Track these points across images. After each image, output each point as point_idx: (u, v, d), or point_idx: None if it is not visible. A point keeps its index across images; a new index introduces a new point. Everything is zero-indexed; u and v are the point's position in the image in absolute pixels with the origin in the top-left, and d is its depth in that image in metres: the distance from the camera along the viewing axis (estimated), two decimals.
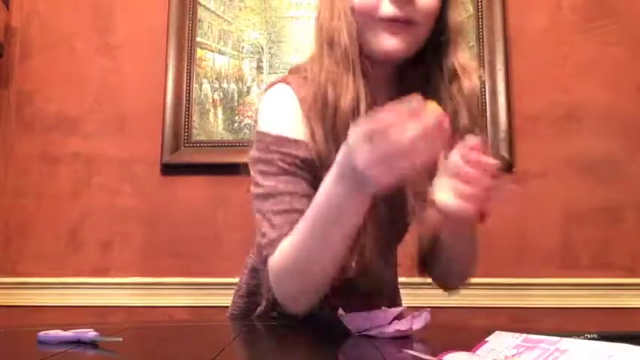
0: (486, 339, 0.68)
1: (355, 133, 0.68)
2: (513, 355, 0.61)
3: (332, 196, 0.75)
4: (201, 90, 1.84)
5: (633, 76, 1.78)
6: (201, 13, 1.87)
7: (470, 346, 0.66)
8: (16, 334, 0.98)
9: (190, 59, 1.84)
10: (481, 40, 1.80)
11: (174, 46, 1.84)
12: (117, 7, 1.90)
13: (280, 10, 1.85)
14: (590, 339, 0.70)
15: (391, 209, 0.94)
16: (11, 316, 1.73)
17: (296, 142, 0.87)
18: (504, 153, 1.74)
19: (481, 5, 1.82)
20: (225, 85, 1.84)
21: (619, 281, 1.69)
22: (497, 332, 0.68)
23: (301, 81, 0.91)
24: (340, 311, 0.89)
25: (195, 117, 1.82)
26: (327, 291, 0.85)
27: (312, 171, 0.86)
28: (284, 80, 0.93)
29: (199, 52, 1.85)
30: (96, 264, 1.78)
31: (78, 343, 0.78)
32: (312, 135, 0.86)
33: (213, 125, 1.82)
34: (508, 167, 1.76)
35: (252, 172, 0.89)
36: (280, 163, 0.86)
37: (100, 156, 1.83)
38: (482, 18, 1.81)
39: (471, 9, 1.83)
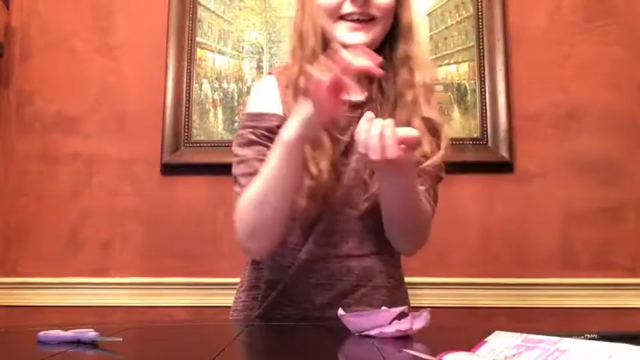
0: (486, 339, 0.68)
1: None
2: (513, 355, 0.61)
3: (284, 139, 0.91)
4: (201, 90, 1.84)
5: (633, 76, 1.78)
6: (201, 13, 1.87)
7: (470, 346, 0.66)
8: (16, 334, 0.98)
9: (190, 59, 1.84)
10: (481, 40, 1.81)
11: (174, 46, 1.84)
12: (117, 7, 1.90)
13: (280, 10, 1.85)
14: (590, 339, 0.70)
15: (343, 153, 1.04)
16: (11, 316, 1.73)
17: (267, 115, 1.02)
18: (504, 153, 1.74)
19: (481, 5, 1.82)
20: (225, 85, 1.84)
21: (619, 281, 1.69)
22: (497, 332, 0.68)
23: (284, 71, 1.08)
24: (340, 311, 0.89)
25: (195, 117, 1.82)
26: (283, 230, 0.98)
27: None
28: (270, 72, 1.13)
29: (199, 52, 1.85)
30: (96, 264, 1.78)
31: (78, 343, 0.78)
32: (287, 112, 1.00)
33: (213, 125, 1.82)
34: (508, 167, 1.76)
35: (232, 146, 1.05)
36: (251, 136, 1.01)
37: (100, 156, 1.83)
38: (482, 18, 1.81)
39: (471, 9, 1.83)
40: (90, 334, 0.78)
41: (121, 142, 1.83)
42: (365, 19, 0.99)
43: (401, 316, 0.87)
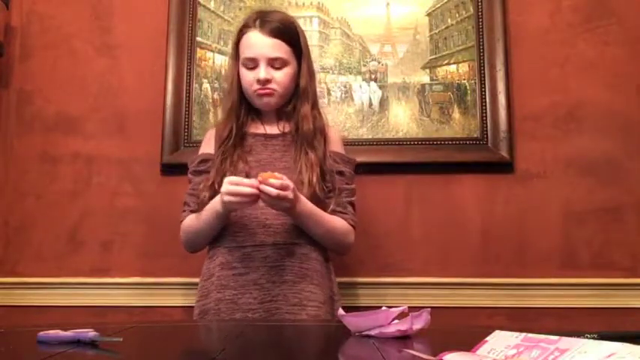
0: (486, 339, 0.68)
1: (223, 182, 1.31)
2: (513, 355, 0.61)
3: (216, 209, 1.34)
4: (201, 90, 1.84)
5: (633, 76, 1.78)
6: (201, 13, 1.87)
7: (470, 346, 0.67)
8: (16, 334, 0.98)
9: (190, 59, 1.84)
10: (481, 40, 1.81)
11: (174, 46, 1.84)
12: (117, 7, 1.90)
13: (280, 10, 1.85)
14: (590, 339, 0.70)
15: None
16: (11, 316, 1.73)
17: (202, 155, 1.49)
18: (504, 153, 1.74)
19: (481, 5, 1.82)
20: (225, 85, 1.83)
21: (619, 281, 1.69)
22: (497, 332, 0.68)
23: (219, 126, 1.52)
24: (340, 311, 0.89)
25: (195, 117, 1.82)
26: (208, 242, 1.44)
27: (206, 166, 1.46)
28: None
29: (199, 52, 1.86)
30: (96, 264, 1.78)
31: (78, 343, 0.78)
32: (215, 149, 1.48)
33: (213, 125, 1.81)
34: (508, 167, 1.76)
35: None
36: (191, 177, 1.49)
37: (100, 156, 1.83)
38: (482, 18, 1.81)
39: (471, 9, 1.83)
40: (90, 334, 0.78)
41: (121, 142, 1.83)
42: (269, 90, 1.43)
43: (401, 316, 0.87)
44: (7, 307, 1.75)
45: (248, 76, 1.45)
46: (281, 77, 1.44)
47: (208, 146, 1.51)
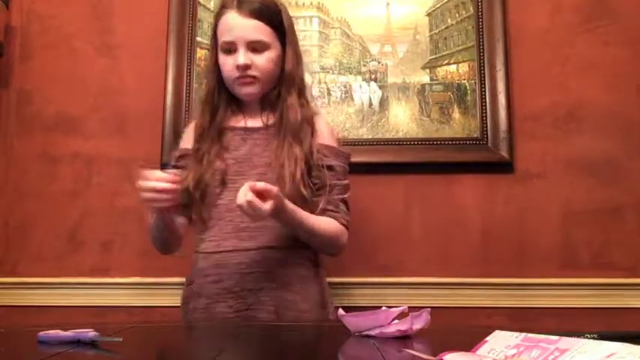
0: (486, 339, 0.68)
1: None
2: (513, 355, 0.61)
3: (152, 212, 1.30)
4: (201, 90, 1.84)
5: (633, 76, 1.78)
6: (201, 13, 1.87)
7: (470, 346, 0.67)
8: (16, 334, 0.98)
9: (190, 59, 1.84)
10: (481, 40, 1.80)
11: (174, 46, 1.84)
12: (117, 7, 1.90)
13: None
14: (590, 339, 0.70)
15: None
16: (11, 316, 1.73)
17: (179, 150, 1.44)
18: (504, 153, 1.74)
19: (481, 5, 1.82)
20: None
21: (619, 281, 1.69)
22: (497, 332, 0.68)
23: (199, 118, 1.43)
24: (340, 311, 0.89)
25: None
26: (177, 245, 1.39)
27: (184, 162, 1.39)
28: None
29: (199, 52, 1.85)
30: (96, 264, 1.78)
31: (78, 343, 0.78)
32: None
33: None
34: (508, 167, 1.76)
35: None
36: (172, 164, 1.42)
37: (100, 156, 1.83)
38: (482, 18, 1.81)
39: (471, 9, 1.83)
40: (90, 334, 0.78)
41: (121, 142, 1.83)
42: (250, 77, 1.33)
43: (401, 316, 0.87)
44: (7, 307, 1.75)
45: (227, 63, 1.34)
46: (262, 62, 1.33)
47: (187, 141, 1.43)
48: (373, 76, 1.83)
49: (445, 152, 1.76)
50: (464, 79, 1.80)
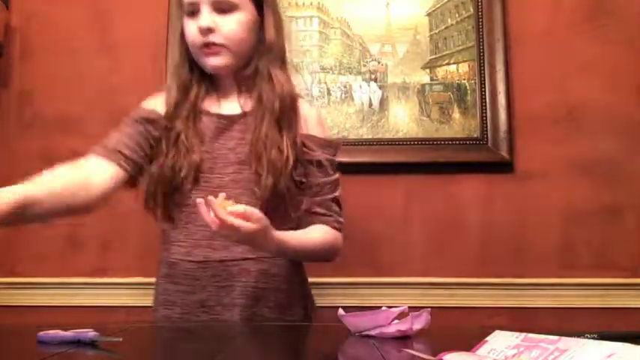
0: (486, 339, 0.68)
1: None
2: (513, 355, 0.61)
3: None
4: None
5: (633, 76, 1.78)
6: None
7: (470, 346, 0.67)
8: (16, 334, 0.98)
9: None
10: (481, 40, 1.80)
11: (174, 46, 1.84)
12: (117, 7, 1.90)
13: (280, 10, 1.85)
14: (590, 339, 0.70)
15: None
16: (11, 316, 1.73)
17: (145, 109, 1.23)
18: (504, 153, 1.74)
19: (481, 5, 1.82)
20: None
21: (619, 281, 1.69)
22: (497, 332, 0.68)
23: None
24: (340, 311, 0.89)
25: None
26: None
27: (151, 129, 1.20)
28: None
29: None
30: (96, 264, 1.78)
31: (78, 343, 0.78)
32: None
33: None
34: (508, 167, 1.76)
35: None
36: (126, 119, 1.24)
37: None
38: (482, 18, 1.81)
39: (471, 9, 1.83)
40: (90, 334, 0.78)
41: None
42: (215, 46, 1.14)
43: (401, 316, 0.87)
44: (7, 307, 1.75)
45: (190, 28, 1.16)
46: (230, 25, 1.14)
47: (157, 107, 1.22)
48: (373, 76, 1.83)
49: (445, 152, 1.76)
50: (464, 79, 1.80)
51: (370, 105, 1.81)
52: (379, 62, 1.84)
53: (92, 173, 1.14)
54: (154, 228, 1.78)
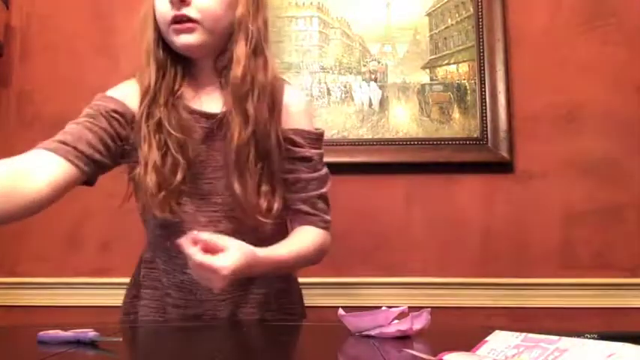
0: (486, 339, 0.68)
1: None
2: (513, 355, 0.61)
3: None
4: None
5: (633, 76, 1.78)
6: None
7: (470, 346, 0.67)
8: (16, 334, 0.98)
9: None
10: (481, 40, 1.80)
11: None
12: (117, 7, 1.90)
13: (280, 10, 1.85)
14: (590, 339, 0.70)
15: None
16: (11, 316, 1.73)
17: (112, 99, 1.10)
18: (504, 153, 1.74)
19: (481, 5, 1.82)
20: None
21: (619, 281, 1.69)
22: (497, 332, 0.68)
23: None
24: (340, 311, 0.89)
25: None
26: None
27: (116, 126, 1.07)
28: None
29: None
30: (96, 264, 1.78)
31: (78, 343, 0.78)
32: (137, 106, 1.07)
33: None
34: (508, 167, 1.76)
35: None
36: (90, 110, 1.11)
37: None
38: (482, 18, 1.81)
39: (471, 9, 1.83)
40: (90, 334, 0.78)
41: None
42: (186, 21, 1.02)
43: (401, 316, 0.87)
44: (7, 307, 1.75)
45: (160, 2, 1.05)
46: (203, 2, 1.01)
47: (127, 99, 1.10)
48: (373, 76, 1.83)
49: (445, 152, 1.76)
50: (464, 79, 1.80)
51: (370, 105, 1.81)
52: (379, 62, 1.84)
53: (38, 167, 1.02)
54: None
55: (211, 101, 1.08)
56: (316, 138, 1.11)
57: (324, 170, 1.12)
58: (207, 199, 1.06)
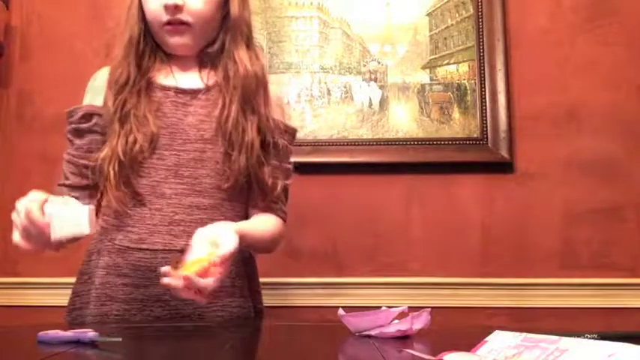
0: (486, 339, 0.68)
1: None
2: (513, 355, 0.61)
3: None
4: None
5: (633, 76, 1.78)
6: None
7: (470, 346, 0.67)
8: (16, 334, 0.98)
9: None
10: (481, 40, 1.80)
11: None
12: (117, 7, 1.89)
13: (280, 10, 1.85)
14: (590, 339, 0.70)
15: None
16: (11, 316, 1.73)
17: (86, 106, 1.17)
18: (504, 153, 1.74)
19: (481, 5, 1.82)
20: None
21: (619, 281, 1.69)
22: (497, 332, 0.68)
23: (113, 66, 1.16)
24: (340, 311, 0.89)
25: None
26: None
27: (97, 131, 1.13)
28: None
29: None
30: None
31: (78, 343, 0.78)
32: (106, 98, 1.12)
33: None
34: (508, 167, 1.76)
35: None
36: (72, 127, 1.17)
37: None
38: (482, 18, 1.81)
39: (471, 9, 1.83)
40: (90, 334, 0.78)
41: None
42: (179, 24, 1.08)
43: (401, 316, 0.87)
44: (7, 307, 1.75)
45: (152, 3, 1.08)
46: (197, 4, 1.07)
47: (96, 95, 1.16)
48: (373, 76, 1.83)
49: (445, 152, 1.76)
50: (464, 79, 1.80)
51: (370, 105, 1.81)
52: (379, 62, 1.84)
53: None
54: None
55: (187, 79, 1.13)
56: (291, 133, 1.17)
57: (290, 165, 1.17)
58: (174, 171, 1.08)
